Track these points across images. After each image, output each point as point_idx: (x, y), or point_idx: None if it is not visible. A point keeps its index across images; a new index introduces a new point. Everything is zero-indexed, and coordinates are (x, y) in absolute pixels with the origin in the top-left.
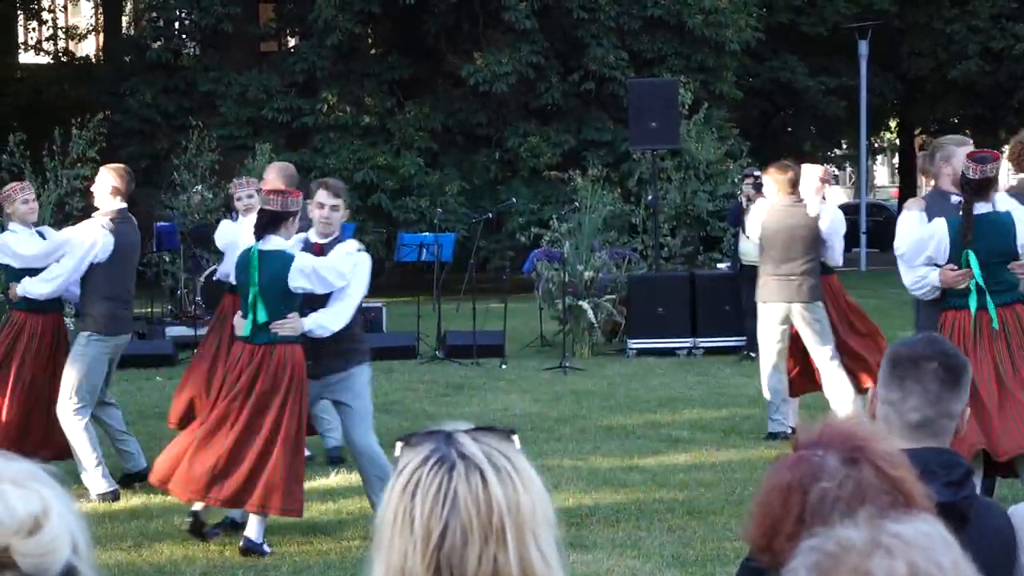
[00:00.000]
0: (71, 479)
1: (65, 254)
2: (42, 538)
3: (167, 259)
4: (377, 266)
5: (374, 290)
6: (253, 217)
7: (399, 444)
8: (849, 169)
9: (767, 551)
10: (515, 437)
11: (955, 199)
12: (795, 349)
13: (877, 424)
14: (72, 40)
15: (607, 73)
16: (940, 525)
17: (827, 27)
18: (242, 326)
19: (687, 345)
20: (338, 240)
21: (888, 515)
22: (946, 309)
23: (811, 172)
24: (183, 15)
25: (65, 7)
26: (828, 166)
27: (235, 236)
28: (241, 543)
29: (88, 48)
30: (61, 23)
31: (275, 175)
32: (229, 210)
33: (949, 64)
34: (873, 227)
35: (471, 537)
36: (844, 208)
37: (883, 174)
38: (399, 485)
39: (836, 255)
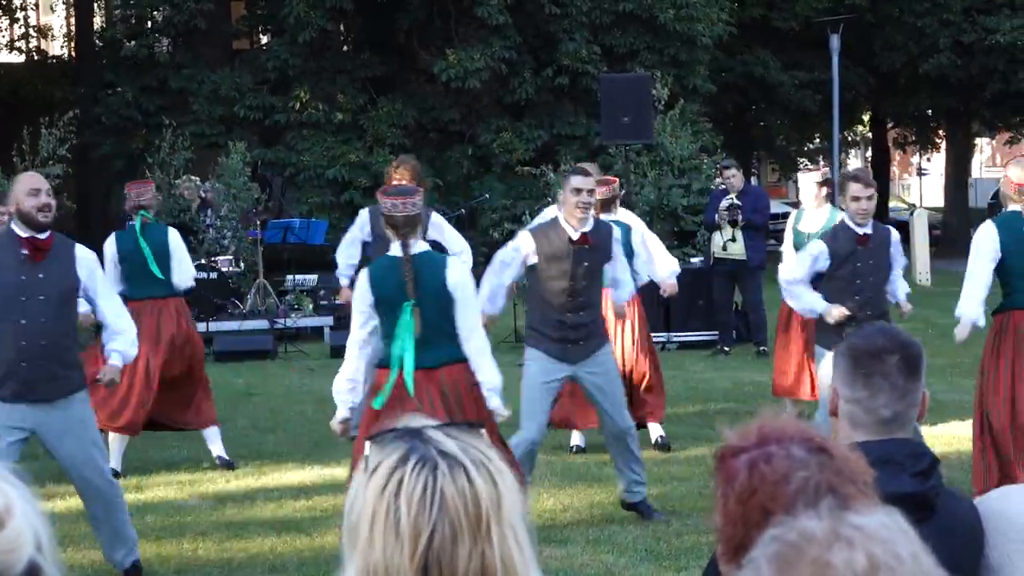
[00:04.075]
0: (39, 479)
1: None
2: (5, 535)
3: None
4: None
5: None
6: None
7: (367, 443)
8: (822, 163)
9: (748, 551)
10: (483, 431)
11: None
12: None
13: (841, 421)
14: (45, 39)
15: (580, 68)
16: (900, 517)
17: (799, 21)
18: None
19: (660, 339)
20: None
21: (850, 507)
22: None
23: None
24: (156, 12)
25: (36, 5)
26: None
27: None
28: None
29: (62, 47)
30: (33, 21)
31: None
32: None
33: (921, 58)
34: None
35: (461, 536)
36: None
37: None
38: (376, 485)
39: None
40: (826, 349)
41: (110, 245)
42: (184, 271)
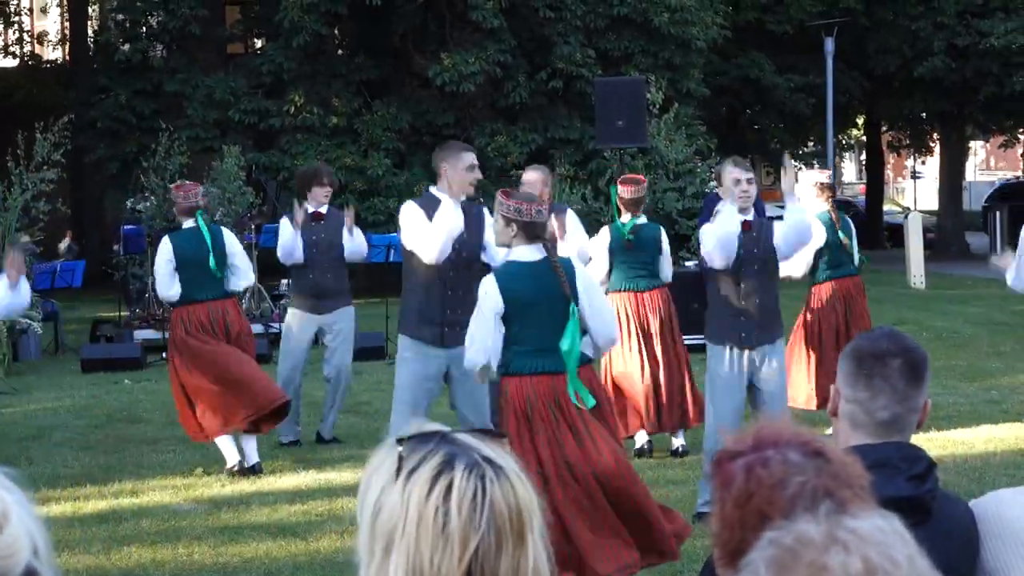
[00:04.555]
0: (34, 484)
1: None
2: (2, 540)
3: (135, 262)
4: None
5: None
6: None
7: (399, 445)
8: (817, 166)
9: (746, 551)
10: (505, 440)
11: None
12: None
13: (841, 422)
14: (40, 44)
15: (574, 71)
16: (896, 520)
17: (793, 25)
18: None
19: None
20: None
21: (846, 510)
22: None
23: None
24: (150, 17)
25: (31, 10)
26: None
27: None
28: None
29: (56, 52)
30: (28, 26)
31: None
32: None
33: (915, 61)
34: None
35: (505, 544)
36: None
37: (851, 170)
38: (421, 487)
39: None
40: (717, 344)
41: (166, 249)
42: (247, 270)
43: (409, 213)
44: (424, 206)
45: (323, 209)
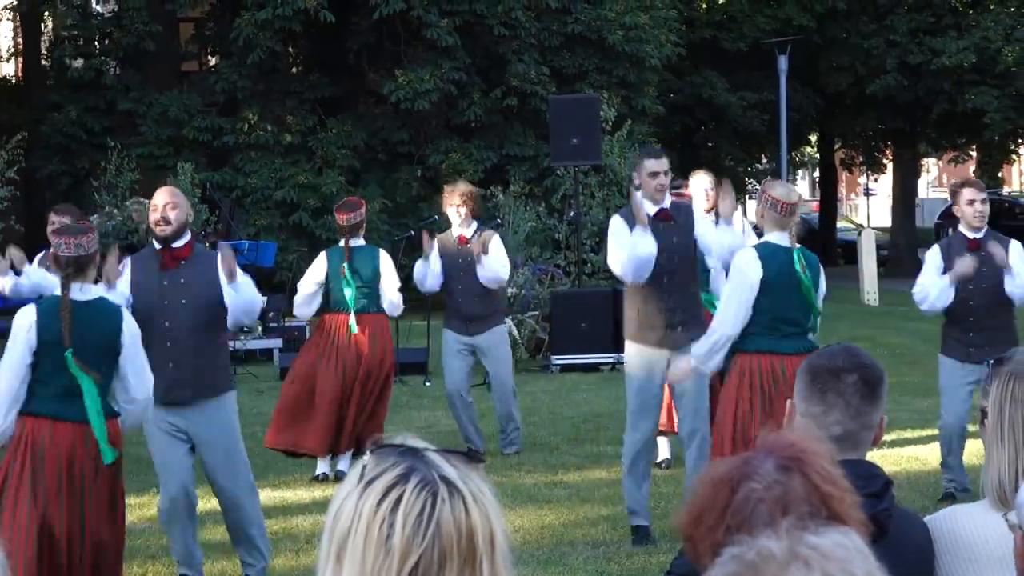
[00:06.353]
0: None
1: None
2: None
3: None
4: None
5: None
6: None
7: (368, 454)
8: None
9: (688, 540)
10: (481, 465)
11: None
12: None
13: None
14: None
15: (529, 89)
16: (857, 537)
17: (747, 43)
18: None
19: (611, 360)
20: None
21: (807, 527)
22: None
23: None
24: (103, 34)
25: None
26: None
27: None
28: None
29: (8, 68)
30: None
31: None
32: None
33: (868, 79)
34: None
35: (449, 564)
36: None
37: (804, 188)
38: (373, 497)
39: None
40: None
41: None
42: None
43: (615, 228)
44: (626, 217)
45: (467, 233)
